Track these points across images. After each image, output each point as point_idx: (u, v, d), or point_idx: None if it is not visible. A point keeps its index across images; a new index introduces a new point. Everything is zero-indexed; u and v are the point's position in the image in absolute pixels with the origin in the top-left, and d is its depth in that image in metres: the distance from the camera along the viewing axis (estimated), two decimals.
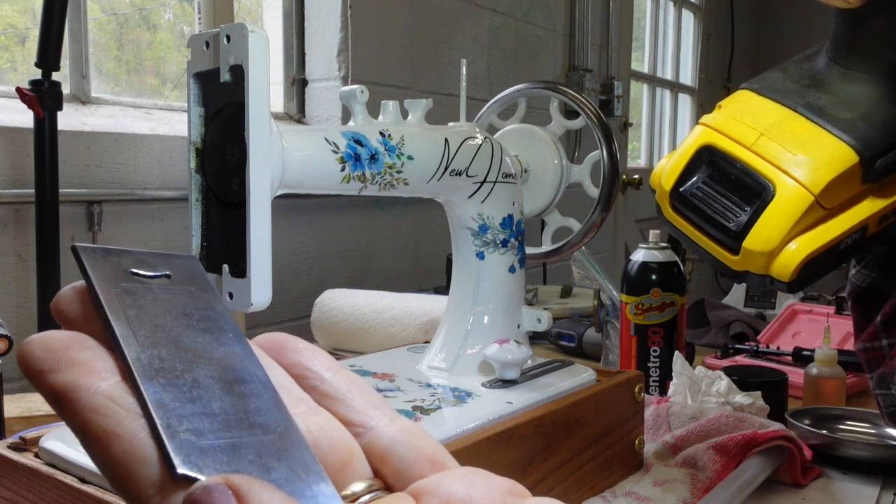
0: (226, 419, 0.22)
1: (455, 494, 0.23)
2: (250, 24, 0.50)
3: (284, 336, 0.27)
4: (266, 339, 0.27)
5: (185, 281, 0.26)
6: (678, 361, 0.90)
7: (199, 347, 0.24)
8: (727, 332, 1.38)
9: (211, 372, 0.24)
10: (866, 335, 0.64)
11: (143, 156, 1.29)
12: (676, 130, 3.80)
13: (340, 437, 0.25)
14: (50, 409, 0.83)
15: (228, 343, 0.25)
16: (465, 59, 0.75)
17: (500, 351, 0.68)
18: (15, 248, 1.12)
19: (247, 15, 1.70)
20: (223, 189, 0.53)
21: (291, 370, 0.26)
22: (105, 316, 0.23)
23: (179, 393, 0.22)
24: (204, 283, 0.26)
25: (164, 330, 0.24)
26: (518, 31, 2.26)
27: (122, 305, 0.23)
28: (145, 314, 0.24)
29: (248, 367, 0.25)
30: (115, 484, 0.21)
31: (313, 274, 1.59)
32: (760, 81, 0.58)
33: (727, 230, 0.54)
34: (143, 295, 0.24)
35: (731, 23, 4.10)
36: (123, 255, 0.25)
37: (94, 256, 0.24)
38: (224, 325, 0.26)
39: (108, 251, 0.25)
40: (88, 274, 0.24)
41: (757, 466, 0.72)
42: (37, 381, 0.22)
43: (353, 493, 0.24)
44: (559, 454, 0.64)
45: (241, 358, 0.25)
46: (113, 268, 0.24)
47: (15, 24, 1.33)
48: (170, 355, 0.23)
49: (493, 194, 0.71)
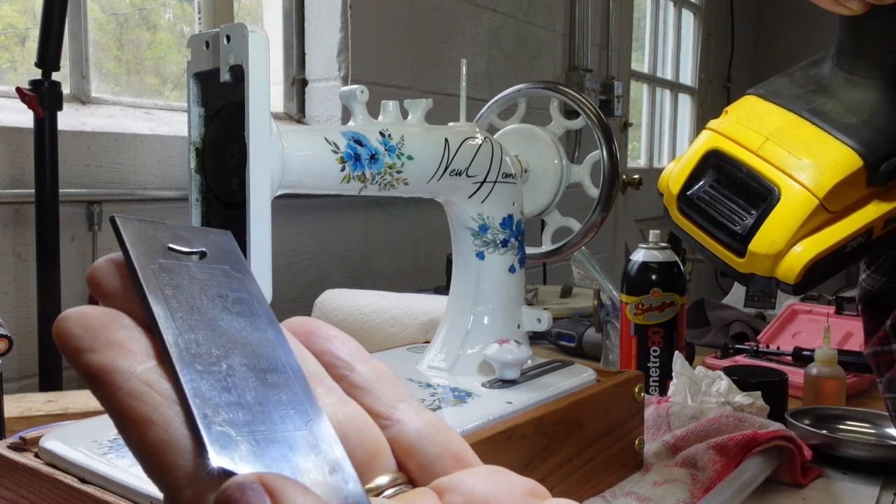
0: (260, 411, 0.22)
1: (478, 492, 0.23)
2: (250, 24, 0.50)
3: (315, 322, 0.27)
4: (297, 324, 0.27)
5: (221, 259, 0.26)
6: (678, 361, 0.90)
7: (234, 332, 0.24)
8: (727, 332, 1.38)
9: (245, 359, 0.23)
10: (876, 339, 0.64)
11: (143, 156, 1.29)
12: (676, 130, 3.80)
13: (368, 429, 0.25)
14: (50, 409, 0.83)
15: (262, 328, 0.25)
16: (465, 59, 0.75)
17: (500, 351, 0.68)
18: (15, 248, 1.12)
19: (247, 15, 1.70)
20: (223, 189, 0.53)
21: (321, 357, 0.26)
22: (144, 294, 0.23)
23: (215, 381, 0.22)
24: (239, 262, 0.26)
25: (201, 312, 0.23)
26: (518, 31, 2.26)
27: (160, 284, 0.23)
28: (182, 294, 0.23)
29: (280, 354, 0.24)
30: (149, 471, 0.21)
31: (313, 274, 1.59)
32: (767, 87, 0.59)
33: (733, 233, 0.55)
34: (179, 273, 0.24)
35: (731, 23, 4.10)
36: (161, 229, 0.25)
37: (132, 229, 0.24)
38: (258, 308, 0.25)
39: (145, 223, 0.24)
40: (127, 248, 0.23)
41: (757, 466, 0.72)
42: (74, 359, 0.21)
43: (377, 487, 0.24)
44: (559, 454, 0.64)
45: (274, 345, 0.24)
46: (151, 242, 0.24)
47: (15, 24, 1.33)
48: (206, 340, 0.23)
49: (493, 194, 0.71)
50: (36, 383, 1.09)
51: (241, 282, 0.26)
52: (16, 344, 0.80)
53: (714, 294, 3.50)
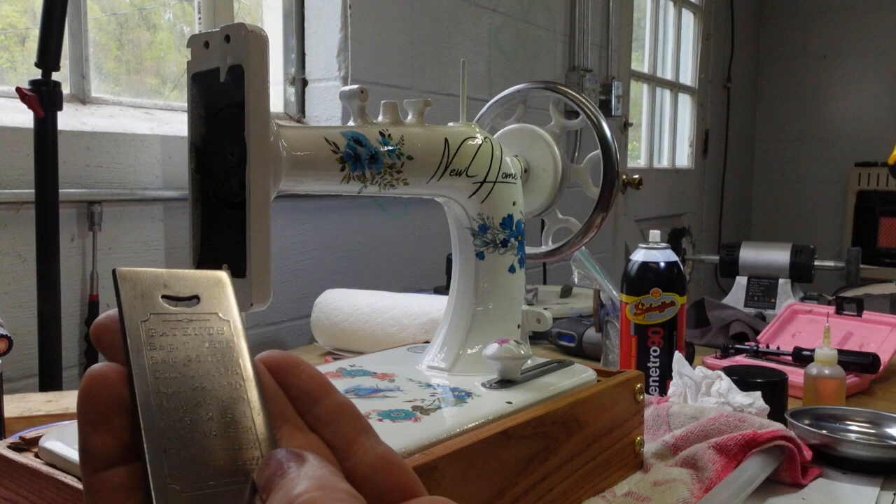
0: (214, 465, 0.25)
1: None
2: (250, 24, 0.50)
3: (287, 358, 0.30)
4: (271, 360, 0.30)
5: (212, 303, 0.28)
6: (678, 361, 0.90)
7: (208, 383, 0.27)
8: (727, 332, 1.38)
9: (211, 411, 0.26)
10: None
11: (143, 156, 1.29)
12: (676, 130, 3.80)
13: None
14: (50, 409, 0.83)
15: (236, 373, 0.27)
16: (464, 60, 0.75)
17: (500, 351, 0.68)
18: (15, 248, 1.12)
19: (247, 15, 1.70)
20: (223, 189, 0.53)
21: (290, 392, 0.29)
22: (127, 353, 0.26)
23: (177, 438, 0.25)
24: (229, 305, 0.29)
25: (178, 367, 0.26)
26: (518, 31, 2.26)
27: (146, 340, 0.26)
28: (163, 350, 0.26)
29: (249, 398, 0.27)
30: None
31: (313, 274, 1.59)
32: None
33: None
34: (166, 327, 0.27)
35: (731, 23, 4.10)
36: (158, 277, 0.28)
37: (128, 282, 0.27)
38: (237, 354, 0.28)
39: (142, 273, 0.27)
40: (121, 303, 0.26)
41: (757, 466, 0.72)
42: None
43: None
44: (559, 454, 0.64)
45: (243, 394, 0.27)
46: (146, 292, 0.27)
47: (15, 24, 1.33)
48: (176, 395, 0.26)
49: (493, 194, 0.71)
50: (36, 383, 1.09)
51: (227, 326, 0.28)
52: (16, 344, 0.80)
53: (714, 294, 3.50)
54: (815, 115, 4.53)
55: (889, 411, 0.89)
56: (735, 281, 1.94)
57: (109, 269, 1.22)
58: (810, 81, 4.50)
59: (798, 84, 4.54)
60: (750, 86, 4.61)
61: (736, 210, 4.51)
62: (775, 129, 4.68)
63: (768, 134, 4.72)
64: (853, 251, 1.98)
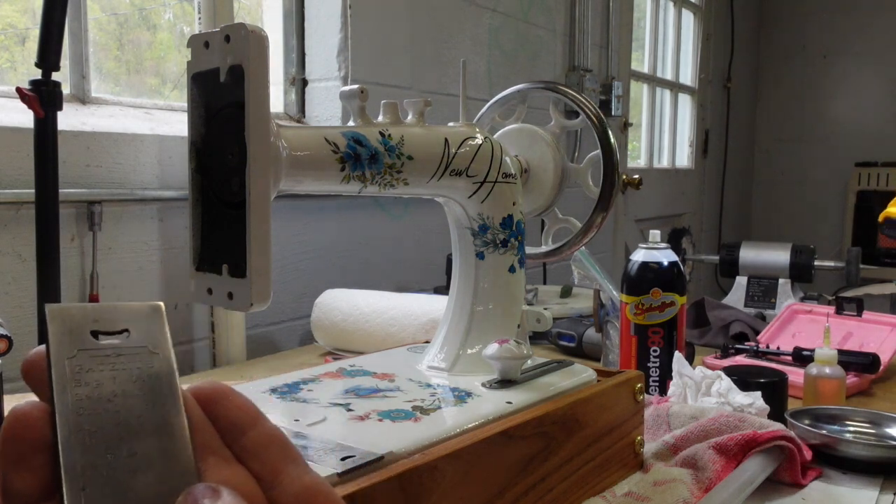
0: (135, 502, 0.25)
1: None
2: (250, 24, 0.50)
3: (218, 388, 0.30)
4: (201, 391, 0.30)
5: (143, 336, 0.28)
6: (678, 361, 0.90)
7: (133, 417, 0.27)
8: (727, 332, 1.38)
9: (135, 447, 0.26)
10: None
11: (143, 156, 1.29)
12: (676, 130, 3.80)
13: (249, 493, 0.27)
14: None
15: (163, 407, 0.27)
16: (464, 60, 0.75)
17: (500, 351, 0.68)
18: (15, 248, 1.12)
19: (247, 15, 1.70)
20: (223, 189, 0.53)
21: (218, 423, 0.29)
22: (51, 390, 0.26)
23: (96, 475, 0.25)
24: (160, 338, 0.29)
25: (102, 403, 0.26)
26: (518, 31, 2.26)
27: (70, 376, 0.26)
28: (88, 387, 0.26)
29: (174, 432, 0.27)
30: None
31: (313, 274, 1.59)
32: None
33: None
34: (93, 363, 0.27)
35: (731, 23, 4.10)
36: (88, 312, 0.28)
37: (58, 319, 0.27)
38: (165, 387, 0.28)
39: (73, 309, 0.27)
40: (49, 340, 0.27)
41: (757, 466, 0.72)
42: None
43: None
44: (559, 454, 0.64)
45: (169, 424, 0.27)
46: (75, 328, 0.27)
47: (15, 24, 1.33)
48: (99, 433, 0.26)
49: (493, 194, 0.71)
50: None
51: (157, 360, 0.28)
52: (16, 344, 0.80)
53: (714, 294, 3.50)
54: (815, 115, 4.53)
55: (889, 411, 0.89)
56: (735, 281, 1.94)
57: (110, 270, 1.23)
58: (810, 81, 4.50)
59: (798, 84, 4.54)
60: (750, 86, 4.61)
61: (736, 210, 4.52)
62: (775, 129, 4.68)
63: (768, 134, 4.72)
64: (853, 251, 1.98)
